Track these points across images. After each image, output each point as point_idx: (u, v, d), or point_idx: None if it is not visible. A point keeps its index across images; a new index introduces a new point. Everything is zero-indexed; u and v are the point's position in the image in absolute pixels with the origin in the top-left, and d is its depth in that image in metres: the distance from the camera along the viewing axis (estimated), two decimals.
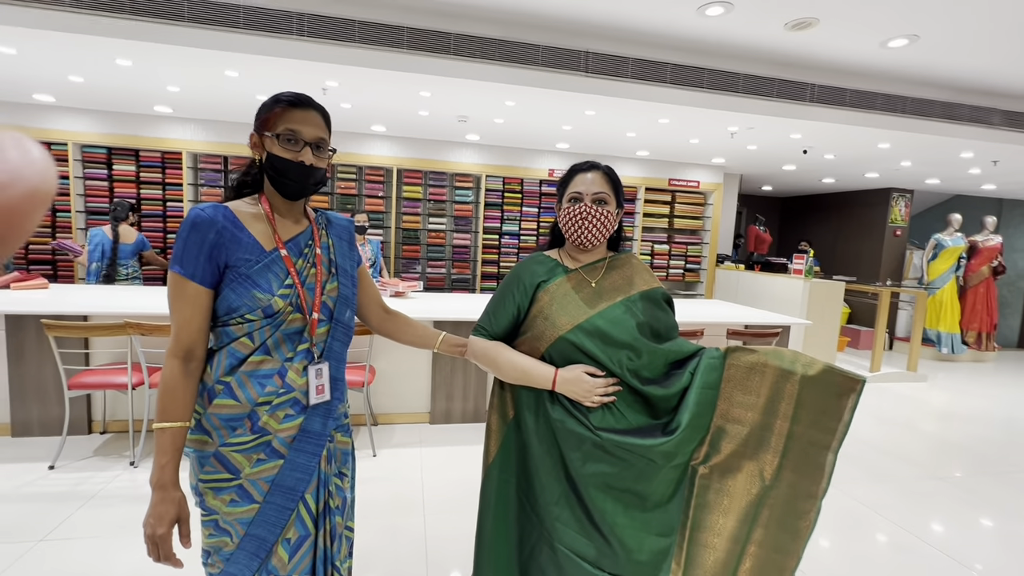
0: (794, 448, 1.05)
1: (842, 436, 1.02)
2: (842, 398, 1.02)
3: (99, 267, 3.83)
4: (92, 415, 2.99)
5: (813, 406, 1.04)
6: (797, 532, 1.06)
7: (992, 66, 3.68)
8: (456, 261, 6.27)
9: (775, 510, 1.07)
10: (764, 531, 1.08)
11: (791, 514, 1.06)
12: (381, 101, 4.25)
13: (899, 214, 7.58)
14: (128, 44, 3.10)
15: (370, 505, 2.34)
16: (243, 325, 0.97)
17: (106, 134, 5.14)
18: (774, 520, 1.08)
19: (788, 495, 1.06)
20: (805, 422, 1.05)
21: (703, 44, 3.60)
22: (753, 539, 1.08)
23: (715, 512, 1.09)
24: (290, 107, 0.98)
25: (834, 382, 1.03)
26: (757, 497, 1.07)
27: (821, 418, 1.03)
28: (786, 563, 1.08)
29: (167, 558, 0.93)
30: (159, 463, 0.93)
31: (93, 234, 3.86)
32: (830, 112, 4.02)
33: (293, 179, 1.00)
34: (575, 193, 1.19)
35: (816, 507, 1.05)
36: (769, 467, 1.06)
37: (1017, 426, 4.02)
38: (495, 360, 1.19)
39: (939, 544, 2.29)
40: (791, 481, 1.06)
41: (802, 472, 1.05)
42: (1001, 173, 5.86)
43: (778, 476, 1.06)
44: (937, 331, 6.43)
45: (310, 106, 1.00)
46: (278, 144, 0.98)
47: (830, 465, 1.03)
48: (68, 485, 2.40)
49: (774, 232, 9.83)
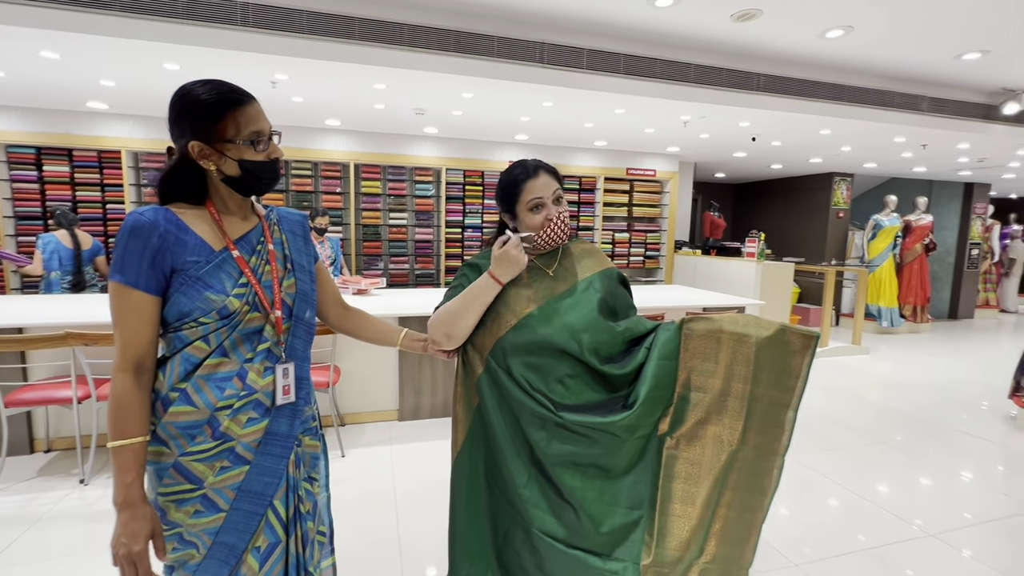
0: (756, 410, 1.08)
1: (801, 392, 1.06)
2: (797, 355, 1.06)
3: (59, 275, 3.68)
4: (34, 433, 2.81)
5: (771, 367, 1.07)
6: (763, 489, 1.10)
7: (920, 55, 3.92)
8: (419, 256, 6.20)
9: (743, 472, 1.10)
10: (733, 493, 1.10)
11: (757, 474, 1.10)
12: (334, 94, 4.13)
13: (841, 197, 8.00)
14: (54, 35, 2.88)
15: (341, 506, 2.30)
16: (197, 328, 0.93)
17: (34, 132, 4.77)
18: (742, 482, 1.10)
19: (754, 456, 1.09)
20: (765, 383, 1.07)
21: (654, 35, 3.68)
22: (723, 502, 1.11)
23: (685, 481, 1.11)
24: (239, 106, 0.93)
25: (789, 340, 1.07)
26: (725, 462, 1.09)
27: (780, 377, 1.07)
28: (754, 519, 1.12)
29: (146, 575, 0.90)
30: (123, 482, 0.88)
31: (46, 241, 3.67)
32: (776, 100, 4.19)
33: (270, 179, 0.99)
34: (535, 200, 1.17)
35: (779, 463, 1.09)
36: (734, 431, 1.09)
37: (951, 391, 4.36)
38: (452, 311, 1.17)
39: (884, 503, 2.46)
40: (756, 443, 1.09)
41: (765, 432, 1.08)
42: (930, 156, 6.27)
43: (743, 439, 1.09)
44: (878, 306, 6.86)
45: (251, 98, 0.96)
46: (250, 150, 0.95)
47: (791, 422, 1.07)
48: (11, 508, 2.25)
49: (728, 217, 10.19)
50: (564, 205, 1.21)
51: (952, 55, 3.88)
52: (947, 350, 6.04)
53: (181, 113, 0.93)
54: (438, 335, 1.21)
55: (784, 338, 1.07)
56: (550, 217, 1.18)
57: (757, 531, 1.12)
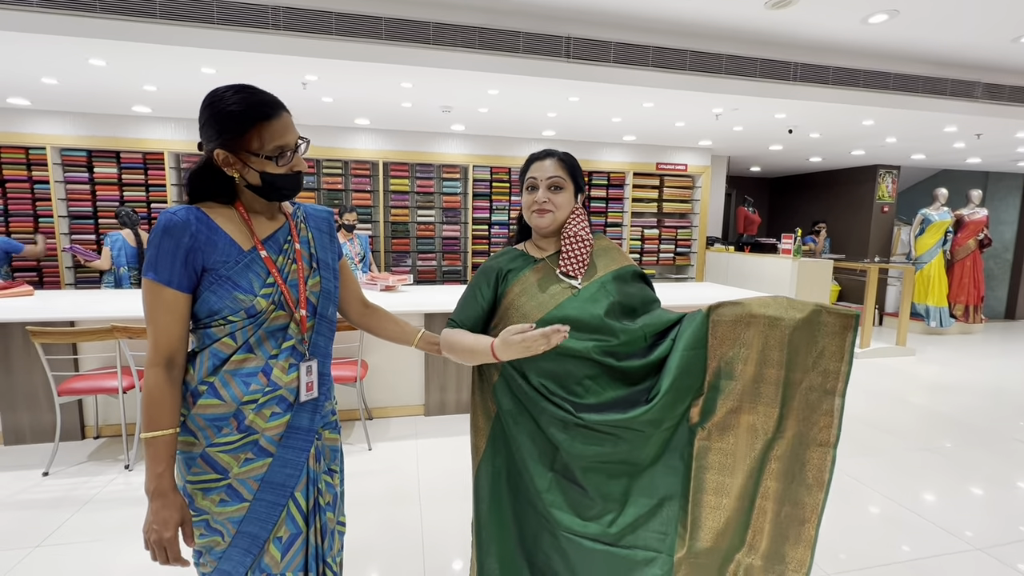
0: (793, 396, 1.03)
1: (846, 377, 1.00)
2: (836, 337, 1.00)
3: (127, 271, 4.05)
4: (84, 420, 2.98)
5: (808, 350, 1.01)
6: (809, 483, 1.03)
7: (972, 39, 3.68)
8: (446, 253, 6.25)
9: (783, 462, 1.04)
10: (774, 484, 1.05)
11: (801, 465, 1.04)
12: (363, 94, 4.20)
13: (886, 190, 7.62)
14: (99, 43, 3.04)
15: (366, 499, 2.36)
16: (225, 326, 0.96)
17: (85, 136, 5.05)
18: (783, 472, 1.04)
19: (795, 445, 1.04)
20: (801, 368, 1.02)
21: (684, 25, 3.58)
22: (761, 493, 1.05)
23: (718, 472, 1.07)
24: (265, 120, 0.93)
25: (826, 322, 1.00)
26: (761, 452, 1.05)
27: (819, 360, 1.01)
28: (804, 515, 1.04)
29: (176, 559, 0.94)
30: (154, 471, 0.92)
31: (114, 239, 4.05)
32: (814, 90, 4.02)
33: (291, 189, 1.00)
34: (531, 180, 1.20)
35: (830, 455, 1.01)
36: (769, 419, 1.04)
37: (1004, 396, 4.10)
38: (452, 346, 1.18)
39: (930, 514, 2.33)
40: (795, 431, 1.03)
41: (807, 420, 1.03)
42: (985, 146, 5.89)
43: (780, 427, 1.04)
44: (926, 305, 6.51)
45: (281, 109, 0.96)
46: (272, 164, 0.96)
47: (839, 409, 0.99)
48: (63, 491, 2.39)
49: (763, 213, 9.86)
50: (562, 196, 1.19)
51: (1009, 37, 3.62)
52: (1002, 352, 5.67)
53: (210, 119, 0.94)
54: (444, 352, 1.23)
55: (820, 319, 1.01)
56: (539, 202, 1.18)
57: (812, 529, 1.03)
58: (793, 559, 1.05)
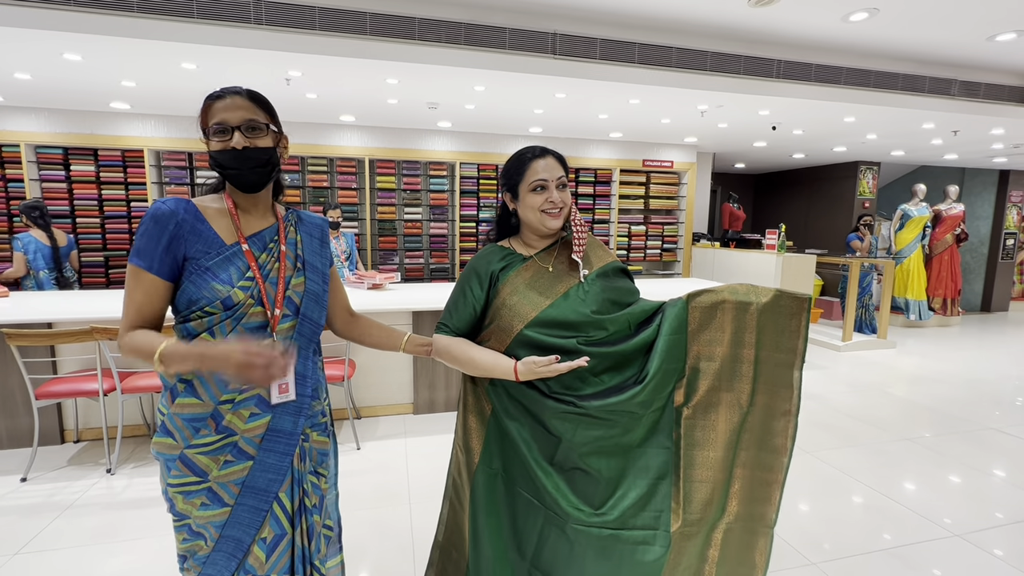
0: (763, 372, 1.14)
1: (803, 352, 1.12)
2: (794, 318, 1.12)
3: (47, 274, 3.75)
4: (64, 424, 2.91)
5: (772, 329, 1.13)
6: (776, 449, 1.15)
7: (949, 37, 3.76)
8: (434, 251, 6.22)
9: (754, 432, 1.16)
10: (747, 453, 1.16)
11: (769, 433, 1.15)
12: (348, 90, 4.15)
13: (867, 186, 7.76)
14: (74, 37, 2.95)
15: (355, 499, 2.34)
16: (204, 320, 0.96)
17: (61, 133, 4.92)
18: (754, 441, 1.16)
19: (764, 416, 1.15)
20: (769, 346, 1.14)
21: (669, 22, 3.60)
22: (738, 462, 1.17)
23: (704, 448, 1.15)
24: (213, 100, 0.97)
25: (786, 304, 1.13)
26: (738, 424, 1.15)
27: (780, 339, 1.13)
28: (772, 478, 1.16)
29: (282, 368, 0.88)
30: (182, 357, 0.88)
31: (26, 242, 3.63)
32: (796, 87, 4.07)
33: (232, 167, 0.99)
34: (539, 181, 1.17)
35: (792, 423, 1.14)
36: (744, 394, 1.14)
37: (981, 386, 4.20)
38: (458, 358, 1.19)
39: (910, 503, 2.39)
40: (764, 403, 1.15)
41: (773, 392, 1.14)
42: (961, 143, 6.02)
43: (752, 400, 1.15)
44: (905, 299, 6.65)
45: (234, 93, 0.98)
46: (213, 139, 0.98)
47: (798, 381, 1.13)
48: (42, 496, 2.33)
49: (748, 209, 9.98)
50: (568, 194, 1.21)
51: (985, 36, 3.71)
52: (978, 344, 5.82)
53: None
54: (440, 359, 1.23)
55: (781, 302, 1.13)
56: (552, 201, 1.18)
57: (778, 491, 1.16)
58: (764, 517, 1.18)
